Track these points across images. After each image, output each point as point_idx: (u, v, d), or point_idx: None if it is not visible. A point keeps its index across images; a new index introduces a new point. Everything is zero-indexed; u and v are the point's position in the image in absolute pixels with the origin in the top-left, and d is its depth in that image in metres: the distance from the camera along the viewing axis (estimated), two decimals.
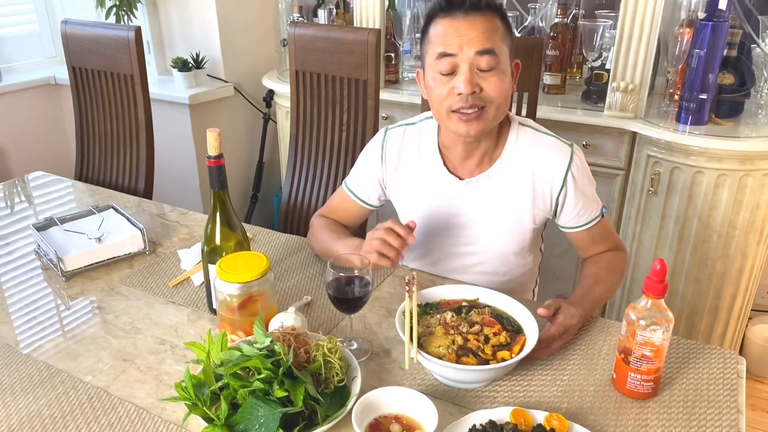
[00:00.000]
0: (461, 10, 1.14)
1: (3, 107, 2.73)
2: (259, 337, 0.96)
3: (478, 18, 1.14)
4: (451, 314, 1.08)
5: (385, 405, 0.93)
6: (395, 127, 1.37)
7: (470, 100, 1.15)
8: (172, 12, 2.73)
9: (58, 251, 1.36)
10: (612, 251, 1.34)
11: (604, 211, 1.32)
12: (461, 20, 1.14)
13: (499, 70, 1.16)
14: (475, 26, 1.14)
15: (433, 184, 1.32)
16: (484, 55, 1.14)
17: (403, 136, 1.35)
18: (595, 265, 1.31)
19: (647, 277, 0.96)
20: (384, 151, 1.36)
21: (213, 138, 1.10)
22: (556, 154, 1.25)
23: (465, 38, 1.14)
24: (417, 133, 1.34)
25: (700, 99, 1.86)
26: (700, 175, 1.88)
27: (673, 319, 0.97)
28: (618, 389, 1.02)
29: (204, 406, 0.89)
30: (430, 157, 1.32)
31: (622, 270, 1.33)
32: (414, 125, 1.36)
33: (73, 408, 0.99)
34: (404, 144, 1.35)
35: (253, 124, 2.96)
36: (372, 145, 1.40)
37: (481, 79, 1.15)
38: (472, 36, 1.13)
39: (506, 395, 1.02)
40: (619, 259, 1.33)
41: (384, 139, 1.37)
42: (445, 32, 1.15)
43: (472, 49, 1.13)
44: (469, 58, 1.14)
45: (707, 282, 1.99)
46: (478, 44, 1.13)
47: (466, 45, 1.14)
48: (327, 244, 1.35)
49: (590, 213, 1.29)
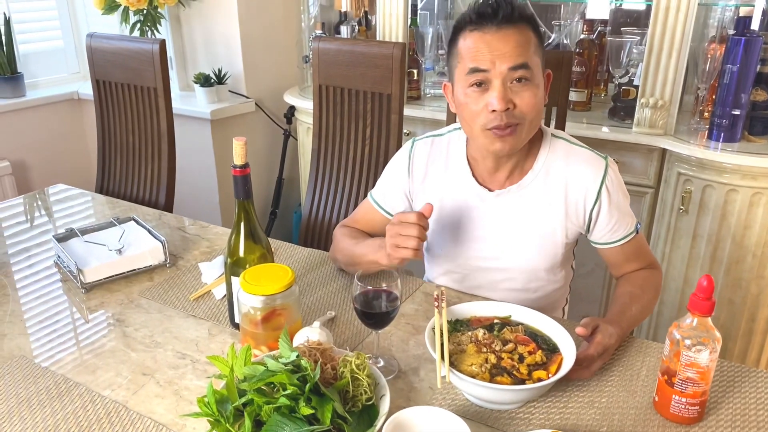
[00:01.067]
0: (493, 23, 1.10)
1: (26, 121, 2.75)
2: (284, 352, 0.92)
3: (510, 31, 1.10)
4: (483, 331, 1.04)
5: (416, 426, 0.89)
6: (422, 138, 1.34)
7: (504, 118, 1.11)
8: (195, 27, 2.75)
9: (78, 262, 1.34)
10: (646, 269, 1.29)
11: (638, 227, 1.27)
12: (493, 34, 1.10)
13: (533, 84, 1.12)
14: (507, 40, 1.10)
15: (461, 196, 1.28)
16: (518, 70, 1.10)
17: (431, 148, 1.32)
18: (629, 283, 1.25)
19: (693, 293, 0.91)
20: (411, 162, 1.33)
21: (239, 147, 1.08)
22: (590, 166, 1.21)
23: (497, 53, 1.10)
24: (445, 145, 1.31)
25: (733, 115, 1.81)
26: (733, 193, 1.82)
27: (721, 339, 0.91)
28: (660, 413, 0.96)
29: (227, 423, 0.84)
30: (458, 168, 1.28)
31: (657, 288, 1.27)
32: (442, 136, 1.33)
33: (91, 423, 0.96)
34: (432, 155, 1.32)
35: (273, 140, 2.95)
36: (399, 157, 1.36)
37: (514, 95, 1.11)
38: (505, 51, 1.09)
39: (542, 417, 0.96)
40: (654, 277, 1.28)
41: (411, 150, 1.34)
42: (476, 47, 1.11)
43: (505, 65, 1.10)
44: (502, 74, 1.10)
45: (741, 304, 1.92)
46: (512, 59, 1.09)
47: (499, 60, 1.10)
48: (349, 251, 1.32)
49: (624, 228, 1.24)
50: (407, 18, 2.36)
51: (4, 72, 2.65)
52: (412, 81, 2.46)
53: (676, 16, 1.84)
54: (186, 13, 2.72)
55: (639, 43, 2.14)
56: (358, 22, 2.74)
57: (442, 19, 2.79)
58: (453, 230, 1.30)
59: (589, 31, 2.27)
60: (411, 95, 2.47)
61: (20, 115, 2.72)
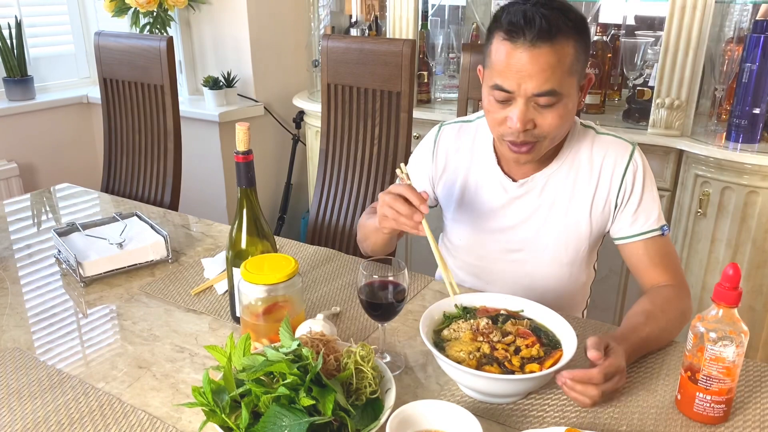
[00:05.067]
0: (527, 39, 1.01)
1: (34, 124, 2.74)
2: (285, 341, 0.88)
3: (544, 50, 1.01)
4: (486, 321, 0.99)
5: (423, 420, 0.84)
6: (450, 123, 1.31)
7: (522, 137, 1.07)
8: (204, 31, 2.74)
9: (78, 256, 1.30)
10: (673, 287, 1.14)
11: (665, 230, 1.17)
12: (524, 51, 1.01)
13: (560, 105, 1.05)
14: (538, 61, 1.01)
15: (484, 185, 1.24)
16: (543, 96, 1.04)
17: (458, 133, 1.28)
18: (649, 301, 1.10)
19: (718, 283, 0.86)
20: (436, 146, 1.30)
21: (242, 132, 1.04)
22: (614, 151, 1.17)
23: (524, 74, 1.02)
24: (473, 131, 1.27)
25: (753, 114, 1.76)
26: (754, 195, 1.76)
27: (748, 331, 0.86)
28: (683, 412, 0.91)
29: (223, 413, 0.80)
30: (484, 156, 1.24)
31: (683, 314, 1.10)
32: (471, 123, 1.29)
33: (83, 415, 0.91)
34: (458, 141, 1.28)
35: (282, 144, 2.93)
36: (426, 141, 1.33)
37: (537, 114, 1.06)
38: (533, 72, 1.02)
39: (557, 415, 0.91)
40: (680, 298, 1.11)
41: (438, 134, 1.30)
42: (505, 62, 1.04)
43: (531, 89, 1.03)
44: (526, 95, 1.04)
45: (762, 312, 1.86)
46: (538, 85, 1.02)
47: (525, 83, 1.03)
48: (363, 224, 1.31)
49: (646, 220, 1.16)
50: (417, 21, 2.34)
51: (14, 74, 2.65)
52: (422, 84, 2.43)
53: (693, 14, 1.80)
54: (196, 16, 2.71)
55: (654, 44, 2.10)
56: (368, 27, 2.72)
57: (453, 24, 2.77)
58: (474, 220, 1.26)
59: (603, 33, 2.23)
60: (421, 98, 2.44)
61: (29, 118, 2.71)
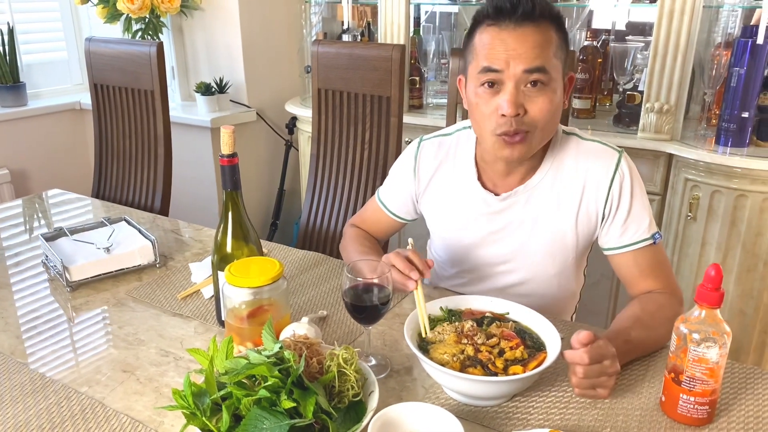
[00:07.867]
0: (512, 20, 1.02)
1: (27, 130, 2.74)
2: (267, 344, 0.88)
3: (529, 30, 1.02)
4: (471, 324, 0.99)
5: (406, 423, 0.83)
6: (430, 138, 1.29)
7: (514, 124, 1.05)
8: (197, 37, 2.74)
9: (64, 260, 1.30)
10: (665, 294, 1.12)
11: (657, 238, 1.14)
12: (510, 32, 1.03)
13: (549, 89, 1.05)
14: (525, 40, 1.02)
15: (467, 199, 1.22)
16: (533, 73, 1.03)
17: (438, 148, 1.26)
18: (639, 306, 1.08)
19: (700, 284, 0.85)
20: (417, 163, 1.28)
21: (227, 135, 1.04)
22: (600, 159, 1.14)
23: (513, 53, 1.02)
24: (453, 145, 1.25)
25: (742, 118, 1.77)
26: (743, 198, 1.77)
27: (731, 332, 0.86)
28: (668, 414, 0.91)
29: (203, 416, 0.79)
30: (465, 171, 1.22)
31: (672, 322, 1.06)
32: (450, 136, 1.27)
33: (64, 419, 0.91)
34: (439, 156, 1.26)
35: (274, 151, 2.93)
36: (405, 157, 1.31)
37: (527, 99, 1.05)
38: (522, 51, 1.02)
39: (541, 417, 0.91)
40: (671, 307, 1.08)
41: (418, 150, 1.28)
42: (491, 44, 1.04)
43: (520, 67, 1.02)
44: (516, 76, 1.03)
45: (753, 315, 1.86)
46: (527, 61, 1.02)
47: (514, 61, 1.02)
48: (349, 260, 1.26)
49: (637, 230, 1.13)
50: (409, 27, 2.34)
51: (6, 81, 2.65)
52: (414, 89, 2.43)
53: (681, 19, 1.81)
54: (188, 22, 2.72)
55: (644, 49, 2.11)
56: (360, 33, 2.73)
57: (444, 30, 2.78)
58: (459, 235, 1.25)
59: (593, 38, 2.24)
60: (413, 104, 2.44)
61: (21, 124, 2.71)
